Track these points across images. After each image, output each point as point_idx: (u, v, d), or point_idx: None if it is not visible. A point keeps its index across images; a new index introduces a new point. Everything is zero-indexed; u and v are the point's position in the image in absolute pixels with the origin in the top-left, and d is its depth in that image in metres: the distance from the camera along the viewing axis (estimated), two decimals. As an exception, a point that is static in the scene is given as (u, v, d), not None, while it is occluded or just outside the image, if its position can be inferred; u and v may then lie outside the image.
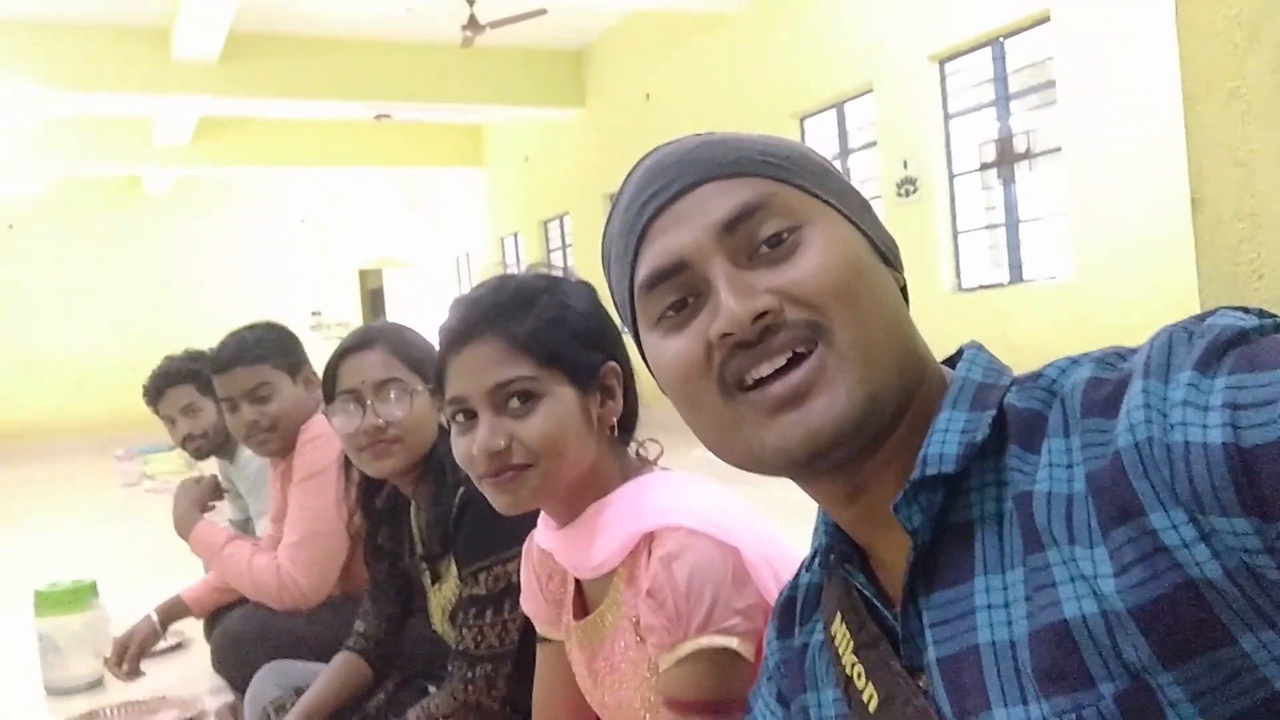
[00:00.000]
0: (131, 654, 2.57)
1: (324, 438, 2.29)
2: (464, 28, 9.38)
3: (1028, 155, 7.28)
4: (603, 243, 0.80)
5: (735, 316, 0.66)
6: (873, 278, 0.69)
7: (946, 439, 0.65)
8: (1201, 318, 0.57)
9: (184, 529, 2.55)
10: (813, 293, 0.67)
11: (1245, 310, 0.56)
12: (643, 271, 0.72)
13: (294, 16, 10.35)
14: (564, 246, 13.83)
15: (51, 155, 12.56)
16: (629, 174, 0.77)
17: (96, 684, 2.93)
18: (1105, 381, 0.59)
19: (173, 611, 2.69)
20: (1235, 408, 0.50)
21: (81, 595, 2.87)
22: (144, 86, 10.36)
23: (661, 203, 0.72)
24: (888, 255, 0.73)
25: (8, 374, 14.63)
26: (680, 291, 0.71)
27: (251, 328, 2.51)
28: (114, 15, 9.77)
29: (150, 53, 10.09)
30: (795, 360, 0.67)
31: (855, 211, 0.73)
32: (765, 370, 0.67)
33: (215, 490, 2.79)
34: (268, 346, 2.42)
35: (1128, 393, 0.56)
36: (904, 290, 0.74)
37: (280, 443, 2.46)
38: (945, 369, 0.72)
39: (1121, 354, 0.61)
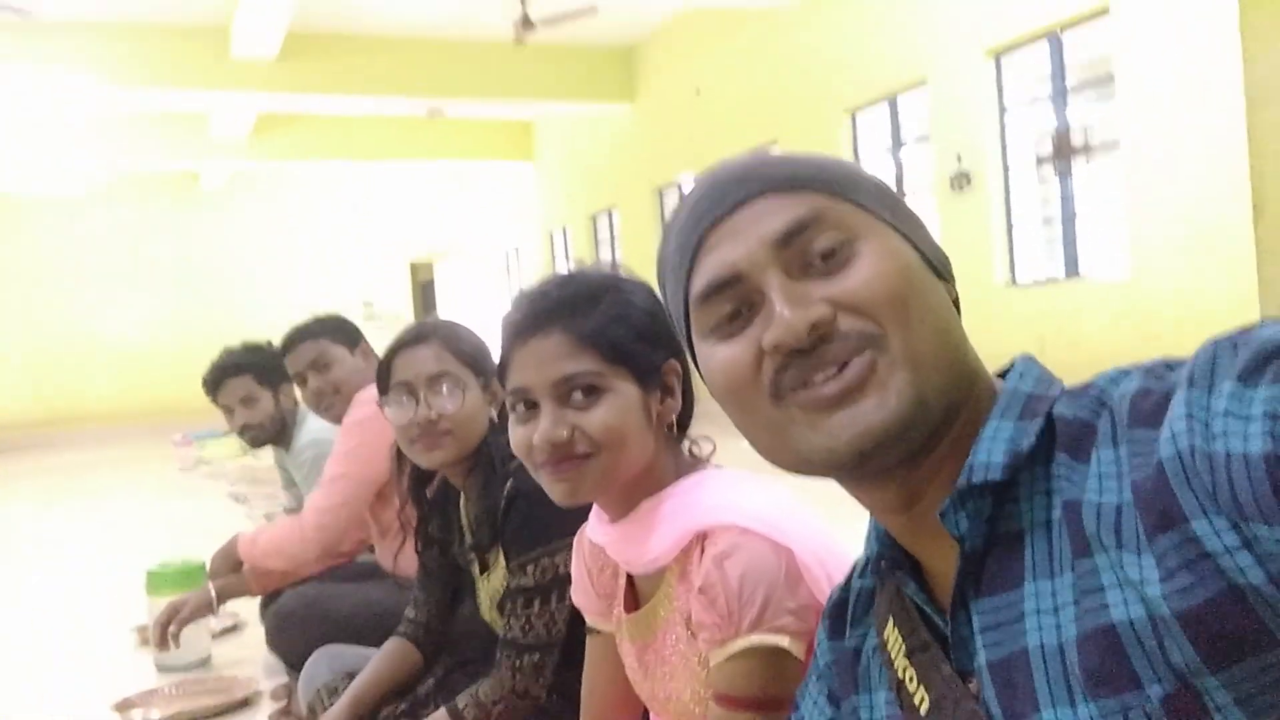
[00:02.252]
0: (181, 618, 2.62)
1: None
2: (516, 25, 9.44)
3: (1085, 150, 7.16)
4: (658, 258, 0.81)
5: (790, 325, 0.67)
6: (924, 289, 0.70)
7: (993, 447, 0.66)
8: (1248, 329, 0.57)
9: (245, 584, 2.70)
10: (866, 301, 0.68)
11: None
12: (698, 283, 0.74)
13: (350, 15, 10.48)
14: (612, 241, 13.85)
15: (113, 149, 12.84)
16: (688, 193, 0.79)
17: (205, 662, 3.00)
18: (1152, 392, 0.59)
19: (231, 590, 2.74)
20: (1276, 418, 0.51)
21: (193, 575, 2.96)
22: (203, 84, 10.59)
23: (717, 215, 0.73)
24: (939, 269, 0.74)
25: (70, 361, 15.04)
26: (735, 303, 0.72)
27: (313, 316, 2.89)
28: (174, 14, 9.98)
29: (209, 51, 10.30)
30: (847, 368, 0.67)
31: (908, 227, 0.74)
32: (818, 380, 0.68)
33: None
34: (326, 325, 2.82)
35: (1172, 403, 0.56)
36: (956, 303, 0.74)
37: (344, 407, 2.71)
38: (997, 381, 0.73)
39: (1170, 365, 0.62)
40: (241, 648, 3.19)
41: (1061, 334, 6.86)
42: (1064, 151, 7.25)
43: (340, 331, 2.82)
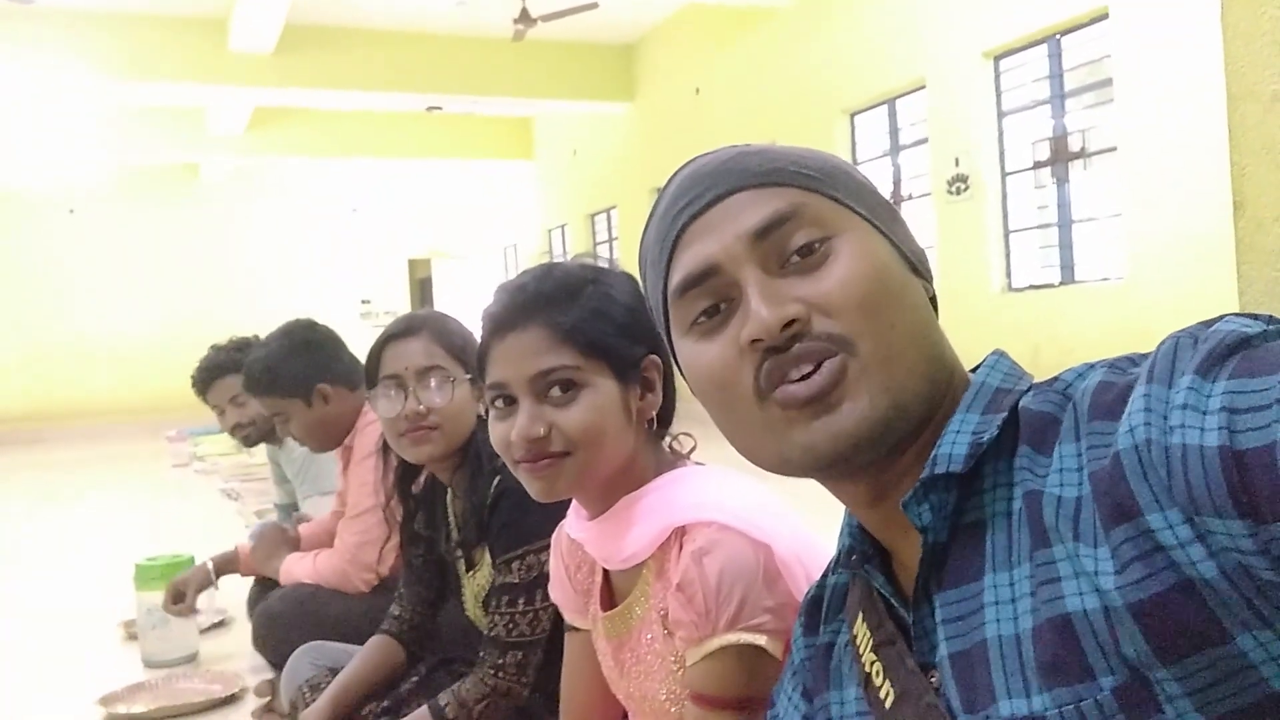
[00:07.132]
0: (187, 604, 2.81)
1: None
2: (515, 21, 9.42)
3: (1082, 154, 7.16)
4: (640, 250, 0.82)
5: (765, 322, 0.68)
6: (900, 289, 0.71)
7: (957, 439, 0.66)
8: (1209, 324, 0.58)
9: (274, 570, 2.69)
10: (839, 305, 0.68)
11: (1254, 317, 0.57)
12: (676, 277, 0.74)
13: (348, 10, 10.46)
14: (610, 240, 13.85)
15: (111, 142, 12.82)
16: (667, 183, 0.79)
17: (192, 658, 2.97)
18: (1113, 386, 0.60)
19: (226, 564, 2.85)
20: (1232, 411, 0.51)
21: (181, 569, 2.95)
22: (201, 77, 10.52)
23: (696, 210, 0.74)
24: (916, 265, 0.75)
25: (65, 355, 14.98)
26: (712, 297, 0.73)
27: (266, 348, 2.61)
28: (172, 7, 9.94)
29: (207, 44, 10.25)
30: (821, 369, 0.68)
31: (886, 223, 0.74)
32: (794, 377, 0.68)
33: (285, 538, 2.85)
34: (273, 380, 2.54)
35: (1131, 396, 0.57)
36: (934, 300, 0.75)
37: (321, 445, 2.63)
38: (973, 376, 0.73)
39: (1134, 359, 0.63)
40: (228, 644, 3.18)
41: (1057, 341, 6.85)
42: (1061, 156, 7.25)
43: (289, 384, 2.52)
